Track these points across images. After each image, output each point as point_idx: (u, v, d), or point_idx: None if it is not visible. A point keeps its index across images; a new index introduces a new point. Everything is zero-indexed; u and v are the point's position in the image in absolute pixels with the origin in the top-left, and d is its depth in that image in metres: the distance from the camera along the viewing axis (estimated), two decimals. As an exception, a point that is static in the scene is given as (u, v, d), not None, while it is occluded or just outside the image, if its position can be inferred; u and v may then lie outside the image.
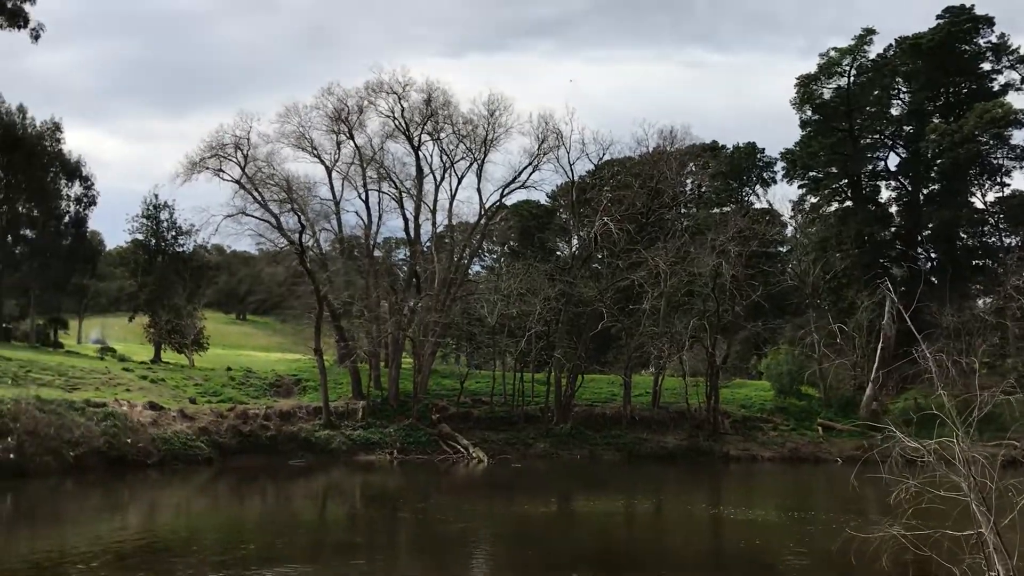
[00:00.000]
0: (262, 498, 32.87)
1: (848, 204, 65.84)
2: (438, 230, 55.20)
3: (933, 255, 64.75)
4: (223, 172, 46.04)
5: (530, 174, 52.46)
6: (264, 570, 17.85)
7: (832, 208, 67.08)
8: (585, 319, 51.83)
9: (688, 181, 65.44)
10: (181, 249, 70.60)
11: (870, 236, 62.33)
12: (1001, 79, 62.35)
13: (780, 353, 56.92)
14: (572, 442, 46.75)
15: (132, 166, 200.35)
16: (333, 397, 46.01)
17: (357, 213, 53.43)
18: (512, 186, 52.92)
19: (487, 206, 53.51)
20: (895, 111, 65.43)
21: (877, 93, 63.32)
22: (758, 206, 71.85)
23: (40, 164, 63.36)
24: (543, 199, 73.33)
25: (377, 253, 55.84)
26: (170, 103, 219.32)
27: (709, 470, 44.49)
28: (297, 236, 47.10)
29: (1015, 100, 60.46)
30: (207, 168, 45.65)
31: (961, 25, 60.92)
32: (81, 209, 67.30)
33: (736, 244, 48.53)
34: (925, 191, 64.88)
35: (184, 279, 70.72)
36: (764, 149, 79.05)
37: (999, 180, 61.83)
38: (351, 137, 51.46)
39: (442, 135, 52.72)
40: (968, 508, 10.93)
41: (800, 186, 68.75)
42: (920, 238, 64.26)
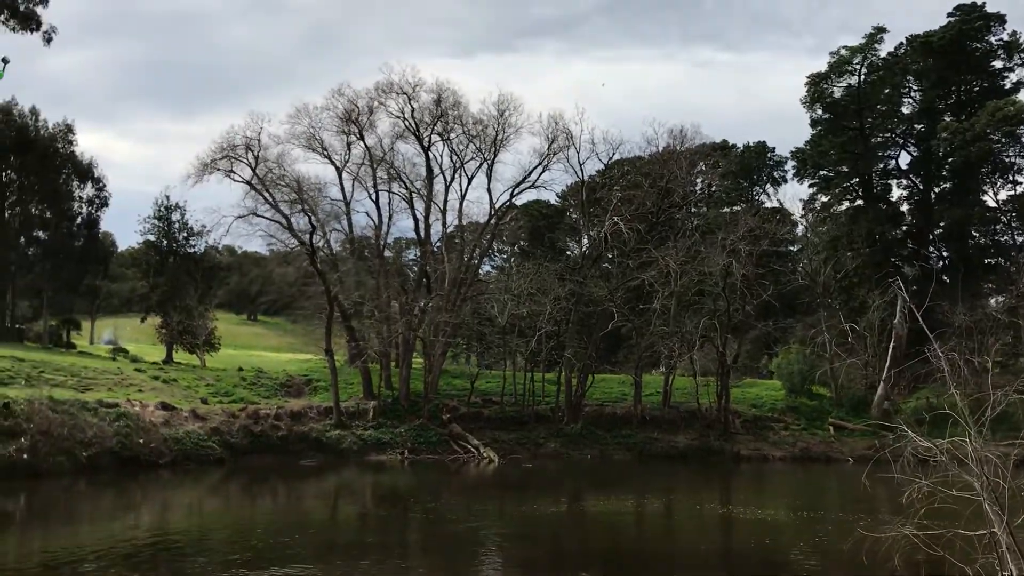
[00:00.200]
0: (273, 498, 32.97)
1: (859, 203, 65.64)
2: (448, 230, 55.36)
3: (945, 254, 64.47)
4: (234, 173, 46.31)
5: (540, 174, 52.53)
6: (275, 569, 17.90)
7: (843, 207, 66.88)
8: (595, 319, 51.81)
9: (698, 180, 65.40)
10: (192, 250, 70.94)
11: (881, 235, 62.10)
12: (1013, 77, 62.14)
13: (791, 352, 56.79)
14: (583, 442, 46.74)
15: (143, 168, 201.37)
16: (344, 397, 46.12)
17: (367, 214, 53.63)
18: (522, 186, 53.00)
19: (497, 206, 53.58)
20: (906, 109, 65.20)
21: (888, 91, 63.08)
22: (768, 205, 71.72)
23: (52, 166, 63.71)
24: (553, 199, 73.35)
25: (387, 253, 55.97)
26: (180, 105, 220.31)
27: (720, 470, 44.40)
28: (308, 237, 47.27)
29: (1027, 98, 60.16)
30: (218, 169, 45.92)
31: (972, 23, 60.61)
32: (93, 210, 67.65)
33: (747, 243, 48.44)
34: (937, 190, 64.63)
35: (196, 280, 71.02)
36: (774, 148, 78.91)
37: (1011, 178, 61.60)
38: (361, 138, 51.60)
39: (452, 135, 52.83)
40: (981, 508, 10.89)
41: (811, 185, 68.65)
42: (932, 237, 63.99)
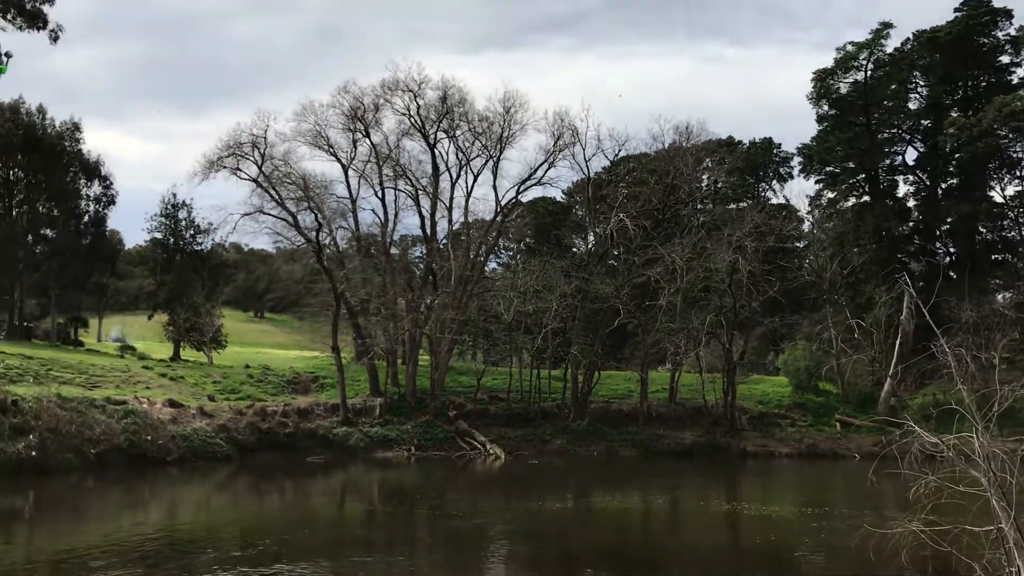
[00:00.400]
0: (280, 495, 33.07)
1: (865, 199, 65.51)
2: (454, 227, 55.32)
3: (952, 250, 64.35)
4: (240, 171, 46.42)
5: (546, 171, 52.46)
6: (282, 565, 17.98)
7: (849, 203, 66.79)
8: (601, 315, 51.80)
9: (704, 177, 65.20)
10: (199, 247, 71.03)
11: (888, 231, 61.98)
12: (1020, 72, 61.98)
13: (797, 349, 56.73)
14: (589, 438, 46.77)
15: (150, 166, 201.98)
16: (351, 394, 46.21)
17: (373, 211, 53.63)
18: (528, 183, 52.94)
19: (503, 203, 53.55)
20: (913, 105, 65.00)
21: (894, 87, 62.93)
22: (775, 201, 71.69)
23: (60, 164, 63.85)
24: (559, 196, 73.30)
25: (394, 251, 55.98)
26: (186, 103, 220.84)
27: (726, 466, 44.38)
28: (314, 234, 47.35)
29: (1034, 93, 59.93)
30: (224, 167, 46.04)
31: (979, 18, 60.40)
32: (100, 208, 67.81)
33: (753, 240, 48.38)
34: (943, 185, 64.45)
35: (202, 277, 71.16)
36: (780, 144, 78.91)
37: (1018, 174, 61.44)
38: (367, 135, 51.60)
39: (458, 132, 52.82)
40: (988, 503, 10.89)
41: (817, 181, 68.51)
42: (939, 233, 63.85)
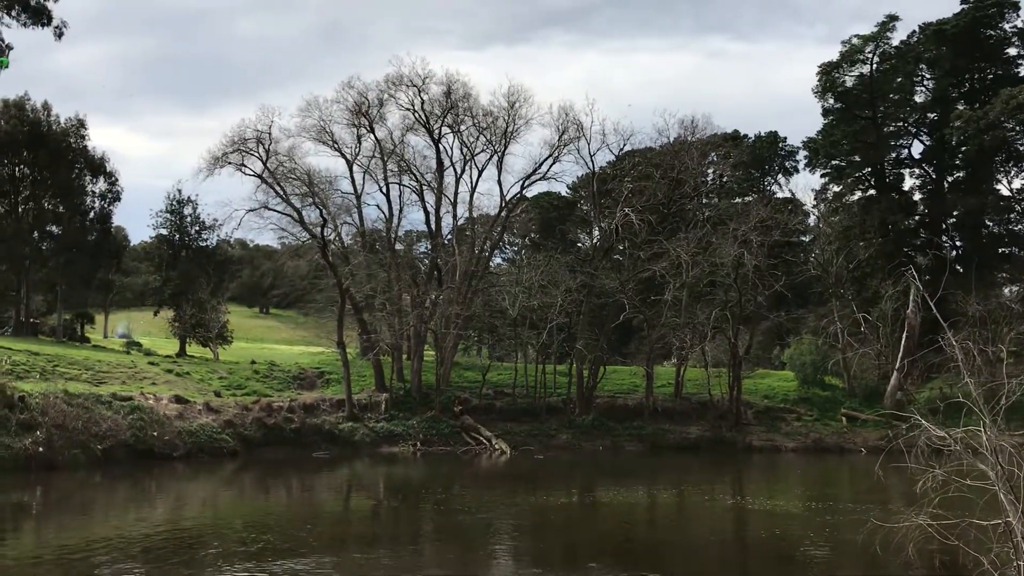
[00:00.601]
0: (287, 490, 33.11)
1: (871, 192, 65.27)
2: (459, 223, 55.34)
3: (958, 243, 64.09)
4: (245, 167, 46.53)
5: (550, 166, 52.44)
6: (288, 560, 18.00)
7: (855, 197, 66.53)
8: (607, 310, 51.78)
9: (710, 171, 65.20)
10: (204, 244, 71.36)
11: (894, 224, 61.76)
12: (1027, 64, 61.54)
13: (803, 343, 56.63)
14: (594, 433, 46.78)
15: (155, 162, 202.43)
16: (356, 390, 46.26)
17: (378, 206, 53.66)
18: (532, 178, 52.92)
19: (508, 198, 53.54)
20: (919, 98, 64.68)
21: (900, 80, 62.64)
22: (780, 195, 71.48)
23: (65, 161, 63.98)
24: (564, 191, 73.46)
25: (398, 246, 55.99)
26: (191, 99, 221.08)
27: (732, 461, 44.34)
28: (319, 230, 47.39)
29: (1041, 86, 59.59)
30: (229, 163, 46.11)
31: (986, 10, 60.04)
32: (106, 205, 67.97)
33: (758, 234, 48.26)
34: (950, 179, 64.22)
35: (208, 273, 71.35)
36: (786, 138, 78.80)
37: (1025, 166, 61.05)
38: (371, 130, 51.63)
39: (462, 127, 52.80)
40: (995, 497, 10.85)
41: (823, 175, 68.33)
42: (945, 226, 63.59)
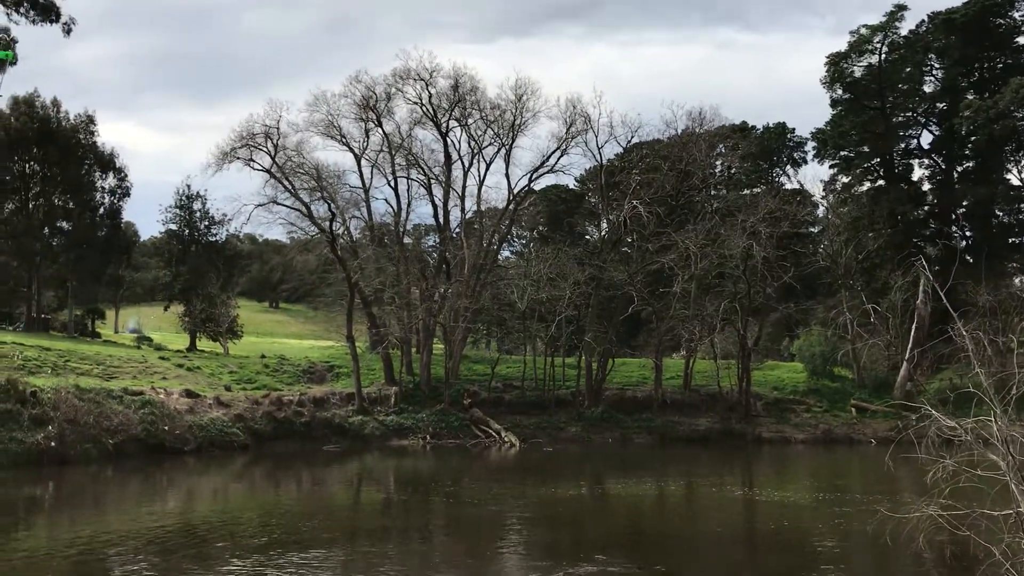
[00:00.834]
0: (297, 483, 33.21)
1: (880, 183, 64.98)
2: (467, 216, 55.36)
3: (968, 233, 63.77)
4: (254, 162, 46.63)
5: (558, 158, 52.40)
6: (299, 553, 18.09)
7: (864, 187, 66.25)
8: (615, 303, 51.73)
9: (718, 163, 64.91)
10: (214, 238, 71.45)
11: (903, 215, 61.50)
12: (1038, 53, 61.07)
13: (812, 334, 56.52)
14: (603, 425, 46.82)
15: (163, 157, 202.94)
16: (366, 383, 46.37)
17: (387, 200, 53.87)
18: (540, 171, 52.89)
19: (515, 191, 53.52)
20: (928, 88, 64.28)
21: (909, 70, 62.29)
22: (789, 187, 71.37)
23: (75, 157, 64.10)
24: (572, 183, 73.24)
25: (407, 240, 56.06)
26: (199, 94, 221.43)
27: (741, 452, 44.32)
28: (328, 224, 47.44)
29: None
30: (238, 158, 46.25)
31: (996, -1, 59.64)
32: (115, 200, 68.01)
33: (767, 225, 48.15)
34: (959, 168, 63.85)
35: (217, 268, 71.49)
36: (794, 129, 78.60)
37: (1035, 156, 60.65)
38: (379, 124, 51.63)
39: (470, 121, 52.77)
40: (1006, 488, 10.82)
41: (831, 166, 68.09)
42: (954, 216, 63.30)
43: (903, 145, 65.26)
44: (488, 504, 26.36)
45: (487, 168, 53.73)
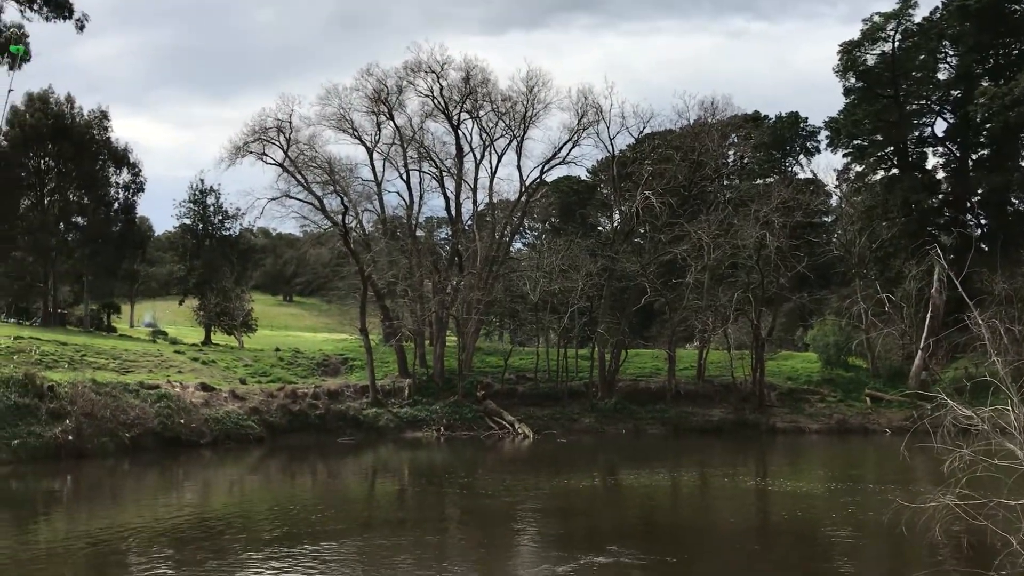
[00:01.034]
0: (312, 475, 33.40)
1: (894, 172, 64.55)
2: (479, 208, 55.37)
3: (983, 221, 63.33)
4: (266, 156, 46.75)
5: (570, 150, 52.30)
6: (315, 545, 18.19)
7: (878, 176, 65.81)
8: (628, 294, 51.65)
9: (730, 152, 64.65)
10: (228, 233, 71.81)
11: (917, 204, 61.11)
12: (1054, 39, 60.46)
13: (826, 324, 56.26)
14: (617, 416, 46.79)
15: (177, 152, 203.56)
16: (380, 376, 46.49)
17: (399, 193, 53.86)
18: (552, 162, 52.79)
19: (527, 183, 53.47)
20: (942, 75, 63.72)
21: (923, 58, 61.80)
22: (802, 176, 70.90)
23: (89, 152, 64.41)
24: (583, 175, 73.18)
25: (419, 233, 56.11)
26: (212, 89, 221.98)
27: (755, 443, 44.24)
28: (340, 217, 47.53)
29: (1069, 60, 58.64)
30: (251, 152, 46.40)
31: (1011, -16, 59.07)
32: (130, 196, 68.32)
33: (780, 215, 47.93)
34: (974, 156, 63.35)
35: (231, 262, 71.84)
36: (807, 118, 78.05)
37: (1052, 143, 60.10)
38: (391, 117, 51.66)
39: (481, 113, 52.72)
40: None
41: (845, 155, 67.61)
42: (969, 204, 62.85)
43: (917, 133, 64.79)
44: (502, 495, 26.42)
45: (499, 160, 53.80)
